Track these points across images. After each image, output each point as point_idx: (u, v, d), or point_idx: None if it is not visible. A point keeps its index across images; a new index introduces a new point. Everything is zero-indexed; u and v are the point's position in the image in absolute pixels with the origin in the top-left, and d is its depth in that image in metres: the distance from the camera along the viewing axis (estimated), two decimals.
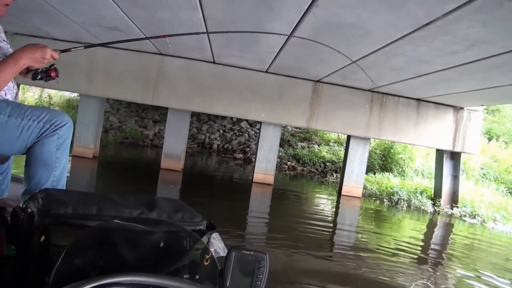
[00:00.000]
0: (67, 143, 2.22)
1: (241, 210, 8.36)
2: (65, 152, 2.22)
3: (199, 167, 14.21)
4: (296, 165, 16.10)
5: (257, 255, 1.15)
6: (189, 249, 1.33)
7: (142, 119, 18.19)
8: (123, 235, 1.28)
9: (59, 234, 1.29)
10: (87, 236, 1.26)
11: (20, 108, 2.15)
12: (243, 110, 10.18)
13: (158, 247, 1.28)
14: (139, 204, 1.49)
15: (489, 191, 12.71)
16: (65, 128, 2.18)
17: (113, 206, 1.44)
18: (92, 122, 10.44)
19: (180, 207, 1.54)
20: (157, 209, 1.46)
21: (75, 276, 1.07)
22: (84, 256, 1.19)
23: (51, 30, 8.30)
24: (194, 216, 1.50)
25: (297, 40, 6.15)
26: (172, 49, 8.90)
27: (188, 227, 1.42)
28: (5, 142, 2.13)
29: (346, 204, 10.48)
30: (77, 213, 1.36)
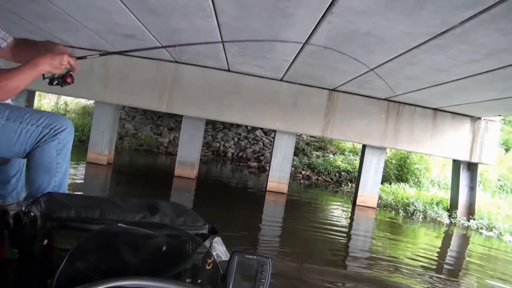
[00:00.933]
0: (68, 147, 2.22)
1: (254, 219, 8.30)
2: (66, 157, 2.22)
3: (213, 175, 14.21)
4: (311, 174, 16.01)
5: (260, 260, 1.16)
6: (191, 253, 1.33)
7: (157, 126, 18.29)
8: (126, 239, 1.29)
9: (62, 238, 1.30)
10: (90, 240, 1.27)
11: (19, 112, 2.16)
12: (257, 118, 10.16)
13: (160, 251, 1.29)
14: (142, 208, 1.51)
15: (506, 203, 12.50)
16: (65, 132, 2.17)
17: (116, 210, 1.46)
18: (107, 129, 10.51)
19: (182, 211, 1.56)
20: (159, 213, 1.47)
21: (78, 279, 1.07)
22: (87, 260, 1.19)
23: (67, 37, 8.39)
24: (197, 220, 1.52)
25: (312, 48, 6.13)
26: (187, 57, 8.94)
27: (191, 231, 1.42)
28: (2, 145, 2.12)
29: (360, 214, 10.35)
30: (80, 216, 1.38)
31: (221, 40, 6.48)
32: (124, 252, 1.25)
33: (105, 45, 8.30)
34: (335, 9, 4.31)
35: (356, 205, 10.71)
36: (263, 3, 4.64)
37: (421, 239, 9.17)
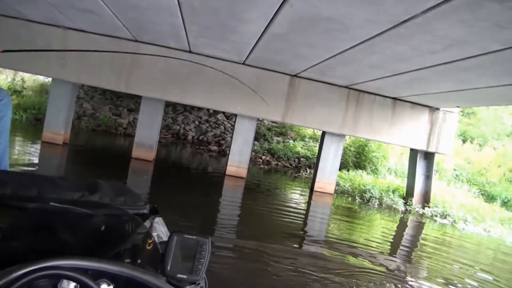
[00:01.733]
0: (6, 120, 2.09)
1: (212, 203, 8.25)
2: (4, 132, 2.09)
3: (172, 158, 14.06)
4: (271, 159, 16.07)
5: (199, 239, 1.12)
6: (131, 233, 1.27)
7: (117, 107, 17.90)
8: (63, 218, 1.23)
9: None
10: (24, 219, 1.21)
11: None
12: (218, 102, 10.06)
13: (99, 231, 1.24)
14: (81, 187, 1.44)
15: (461, 192, 12.90)
16: (0, 104, 2.04)
17: (54, 188, 1.39)
18: (64, 108, 10.18)
19: (123, 190, 1.50)
20: (99, 192, 1.42)
21: (13, 259, 1.01)
22: (22, 239, 1.14)
23: (25, 10, 8.05)
24: (137, 199, 1.47)
25: (275, 32, 6.07)
26: (148, 36, 8.73)
27: (131, 211, 1.37)
28: None
29: (318, 200, 10.47)
30: (17, 194, 1.32)
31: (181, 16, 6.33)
32: (62, 231, 1.19)
33: (64, 20, 8.00)
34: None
35: (314, 191, 10.81)
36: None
37: (376, 224, 9.36)
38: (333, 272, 5.20)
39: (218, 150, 16.70)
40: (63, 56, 9.20)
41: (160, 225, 1.38)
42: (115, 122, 16.67)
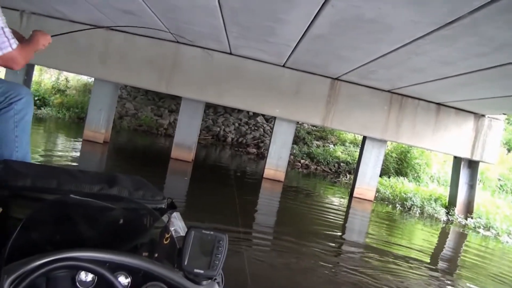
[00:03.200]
0: (27, 120, 2.09)
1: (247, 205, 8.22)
2: (25, 130, 2.09)
3: (211, 159, 14.12)
4: (310, 163, 15.90)
5: (217, 235, 1.13)
6: (149, 227, 1.31)
7: (158, 107, 18.17)
8: (82, 211, 1.25)
9: (17, 207, 1.28)
10: (44, 210, 1.23)
11: None
12: (257, 104, 10.03)
13: (117, 224, 1.27)
14: (100, 180, 1.45)
15: (505, 203, 12.38)
16: (21, 102, 2.04)
17: (73, 180, 1.40)
18: (105, 107, 10.40)
19: (141, 184, 1.50)
20: (117, 186, 1.42)
21: (31, 250, 1.04)
22: (41, 231, 1.17)
23: (67, 11, 8.25)
24: (156, 194, 1.46)
25: (315, 34, 5.98)
26: (188, 37, 8.78)
27: (149, 205, 1.38)
28: None
29: (357, 206, 10.25)
30: (36, 186, 1.33)
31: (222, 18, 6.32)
32: (80, 223, 1.21)
33: (104, 20, 8.15)
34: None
35: (353, 197, 10.61)
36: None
37: (416, 233, 9.08)
38: (368, 279, 5.05)
39: (257, 152, 16.69)
40: (104, 58, 9.39)
41: (178, 220, 1.39)
42: (156, 123, 16.92)
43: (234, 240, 5.65)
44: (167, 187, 8.39)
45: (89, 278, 1.05)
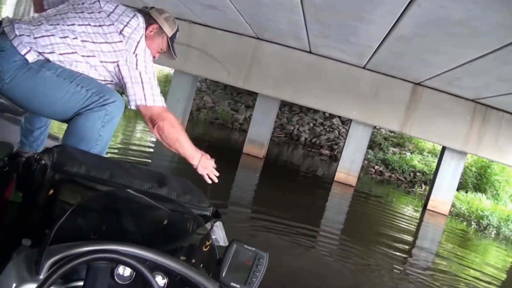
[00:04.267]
0: (114, 122, 2.10)
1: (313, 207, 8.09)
2: (109, 131, 2.10)
3: (282, 157, 14.07)
4: (384, 170, 15.42)
5: (258, 252, 1.14)
6: (191, 232, 1.31)
7: (236, 102, 18.40)
8: (131, 206, 1.26)
9: (68, 191, 1.30)
10: (96, 199, 1.26)
11: (72, 73, 2.07)
12: (334, 105, 9.81)
13: (161, 224, 1.27)
14: (151, 178, 1.47)
15: None
16: (114, 105, 2.05)
17: (125, 175, 1.42)
18: (183, 98, 10.64)
19: (189, 188, 1.51)
20: (167, 187, 1.43)
21: (76, 235, 1.09)
22: (88, 218, 1.20)
23: (152, 3, 8.46)
24: (202, 200, 1.47)
25: (399, 35, 5.72)
26: (269, 34, 8.75)
27: (195, 210, 1.38)
28: (46, 101, 2.05)
29: (430, 220, 9.73)
30: (89, 174, 1.36)
31: (303, 15, 6.20)
32: (126, 218, 1.23)
33: (188, 14, 8.30)
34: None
35: (427, 209, 10.10)
36: None
37: (489, 256, 8.48)
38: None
39: (330, 154, 16.43)
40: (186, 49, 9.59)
41: (219, 230, 1.36)
42: (232, 117, 17.13)
43: (300, 237, 5.75)
44: (236, 180, 8.44)
45: (127, 273, 1.06)
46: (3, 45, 2.01)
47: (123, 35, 2.13)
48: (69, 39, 2.06)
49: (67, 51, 2.06)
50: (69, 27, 2.08)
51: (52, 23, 2.09)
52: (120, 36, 2.13)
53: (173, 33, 2.41)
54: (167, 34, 2.36)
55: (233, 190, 7.68)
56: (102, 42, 2.11)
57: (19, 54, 2.00)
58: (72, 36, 2.07)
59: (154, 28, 2.32)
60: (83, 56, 2.10)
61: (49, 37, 2.05)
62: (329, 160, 15.66)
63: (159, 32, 2.34)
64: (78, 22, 2.11)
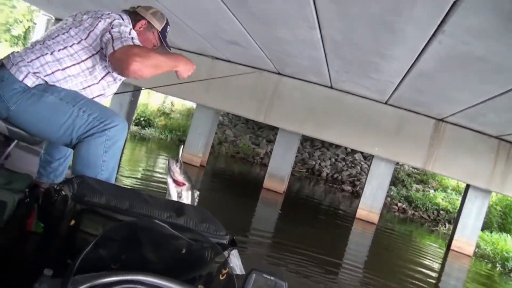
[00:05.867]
0: (118, 146, 2.11)
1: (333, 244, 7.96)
2: (114, 156, 2.12)
3: (303, 192, 13.96)
4: (407, 207, 15.13)
5: (277, 282, 1.13)
6: (209, 261, 1.32)
7: (257, 136, 18.48)
8: (151, 235, 1.29)
9: (89, 222, 1.34)
10: (117, 229, 1.29)
11: (75, 96, 2.11)
12: (356, 140, 9.76)
13: (180, 253, 1.29)
14: (169, 207, 1.50)
15: None
16: (115, 129, 2.07)
17: (144, 204, 1.46)
18: (204, 132, 10.77)
19: (206, 217, 1.53)
20: (185, 216, 1.46)
21: (98, 265, 1.10)
22: (109, 248, 1.21)
23: (177, 40, 8.69)
24: (219, 229, 1.49)
25: (420, 71, 5.73)
26: (290, 70, 8.85)
27: (212, 239, 1.40)
28: (50, 125, 2.09)
29: (453, 261, 9.42)
30: (110, 204, 1.40)
31: (323, 51, 6.28)
32: (146, 247, 1.25)
33: (211, 50, 8.47)
34: (447, 27, 3.93)
35: (451, 249, 9.78)
36: (369, 16, 4.38)
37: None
38: None
39: (351, 190, 16.26)
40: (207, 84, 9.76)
41: (235, 258, 1.40)
42: (253, 151, 17.18)
43: (321, 269, 5.75)
44: (256, 215, 8.42)
45: None
46: (2, 75, 2.09)
47: (97, 30, 2.16)
48: (56, 52, 2.12)
49: (57, 68, 2.11)
50: (54, 44, 2.14)
51: (41, 45, 2.16)
52: (95, 32, 2.16)
53: (163, 26, 2.45)
54: (157, 29, 2.41)
55: (253, 224, 7.65)
56: (87, 58, 2.16)
57: (18, 81, 2.06)
58: (60, 52, 2.12)
59: (143, 24, 2.37)
60: (74, 65, 2.14)
61: (39, 58, 2.10)
62: (351, 196, 15.48)
63: (149, 27, 2.39)
64: (62, 37, 2.17)
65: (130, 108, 11.63)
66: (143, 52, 2.02)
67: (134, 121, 15.47)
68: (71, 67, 2.14)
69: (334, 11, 4.54)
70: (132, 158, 11.05)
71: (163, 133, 16.21)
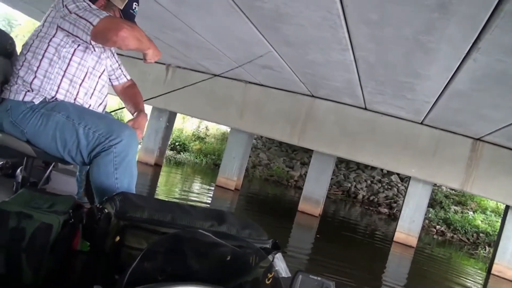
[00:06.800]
0: (128, 161, 2.10)
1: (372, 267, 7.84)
2: (126, 171, 2.11)
3: (339, 215, 13.80)
4: (446, 230, 14.75)
5: (324, 282, 1.15)
6: (254, 266, 1.34)
7: (291, 159, 18.47)
8: (194, 245, 1.32)
9: (133, 237, 1.40)
10: (163, 241, 1.33)
11: (81, 113, 2.15)
12: (391, 162, 9.64)
13: (225, 261, 1.32)
14: (210, 216, 1.55)
15: None
16: (121, 145, 2.07)
17: (186, 215, 1.51)
18: (238, 156, 10.87)
19: (248, 224, 1.57)
20: (226, 223, 1.50)
21: (145, 279, 1.14)
22: (155, 261, 1.25)
23: (210, 65, 8.88)
24: (261, 234, 1.53)
25: (455, 90, 5.69)
26: (323, 92, 8.90)
27: (255, 244, 1.43)
28: (61, 144, 2.13)
29: (494, 286, 9.06)
30: (152, 218, 1.45)
31: (357, 73, 6.31)
32: (190, 257, 1.28)
33: (244, 74, 8.62)
34: (481, 44, 3.92)
35: (491, 274, 9.44)
36: (402, 36, 4.40)
37: None
38: None
39: (388, 213, 15.99)
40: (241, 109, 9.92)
41: (280, 261, 1.38)
42: (287, 174, 17.16)
43: None
44: (292, 238, 8.38)
45: None
46: (5, 105, 2.17)
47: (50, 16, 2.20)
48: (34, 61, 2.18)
49: (43, 75, 2.17)
50: (31, 50, 2.20)
51: (22, 56, 2.23)
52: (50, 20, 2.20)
53: (126, 3, 2.34)
54: (118, 7, 2.31)
55: (289, 247, 7.62)
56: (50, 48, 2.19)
57: (22, 103, 2.13)
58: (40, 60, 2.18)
59: (102, 2, 2.29)
60: (53, 57, 2.19)
61: (27, 73, 2.17)
62: (388, 218, 15.21)
63: (108, 6, 2.30)
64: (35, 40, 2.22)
65: (166, 133, 11.88)
66: (129, 23, 2.09)
67: (170, 146, 15.71)
68: (49, 66, 2.19)
69: (366, 33, 4.59)
70: (168, 182, 11.23)
71: (198, 157, 16.42)
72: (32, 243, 1.50)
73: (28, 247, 1.49)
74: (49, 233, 1.52)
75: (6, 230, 1.50)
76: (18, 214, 1.52)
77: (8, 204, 1.56)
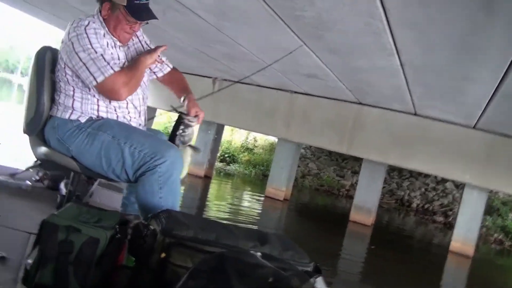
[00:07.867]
0: (172, 180, 2.12)
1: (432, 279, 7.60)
2: (171, 191, 2.13)
3: (393, 225, 13.47)
4: (504, 239, 14.03)
5: None
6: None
7: (341, 168, 18.20)
8: (238, 265, 1.31)
9: (178, 254, 1.42)
10: (208, 261, 1.33)
11: (127, 131, 2.19)
12: (444, 168, 9.33)
13: (266, 282, 1.28)
14: (253, 237, 1.56)
15: None
16: (165, 165, 2.08)
17: (230, 235, 1.53)
18: (286, 166, 10.83)
19: (290, 246, 1.57)
20: (269, 244, 1.51)
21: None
22: (200, 280, 1.25)
23: (256, 77, 8.93)
24: (303, 257, 1.52)
25: (505, 92, 5.45)
26: (371, 99, 8.76)
27: (297, 266, 1.42)
28: (106, 163, 2.16)
29: None
30: (197, 237, 1.48)
31: (405, 79, 6.17)
32: (234, 277, 1.26)
33: (290, 84, 8.61)
34: None
35: None
36: (448, 39, 4.28)
37: None
38: None
39: (444, 221, 15.41)
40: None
41: (321, 285, 1.38)
42: (338, 183, 16.92)
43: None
44: (344, 249, 8.26)
45: None
46: (52, 122, 2.25)
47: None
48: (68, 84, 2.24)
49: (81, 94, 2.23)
50: (61, 75, 2.25)
51: (58, 80, 2.29)
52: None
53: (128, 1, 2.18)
54: (121, 4, 2.16)
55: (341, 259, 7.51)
56: None
57: (68, 121, 2.19)
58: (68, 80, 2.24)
59: (107, 6, 2.21)
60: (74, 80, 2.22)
61: (64, 93, 2.24)
62: (444, 227, 14.68)
63: (113, 7, 2.20)
64: None
65: (214, 145, 12.02)
66: (126, 78, 2.14)
67: (219, 157, 15.87)
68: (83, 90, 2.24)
69: (411, 37, 4.49)
70: (218, 193, 11.35)
71: (247, 169, 16.50)
72: (80, 257, 1.54)
73: (75, 260, 1.54)
74: (96, 247, 1.57)
75: (55, 243, 1.54)
76: (68, 228, 1.57)
77: (58, 218, 1.61)
